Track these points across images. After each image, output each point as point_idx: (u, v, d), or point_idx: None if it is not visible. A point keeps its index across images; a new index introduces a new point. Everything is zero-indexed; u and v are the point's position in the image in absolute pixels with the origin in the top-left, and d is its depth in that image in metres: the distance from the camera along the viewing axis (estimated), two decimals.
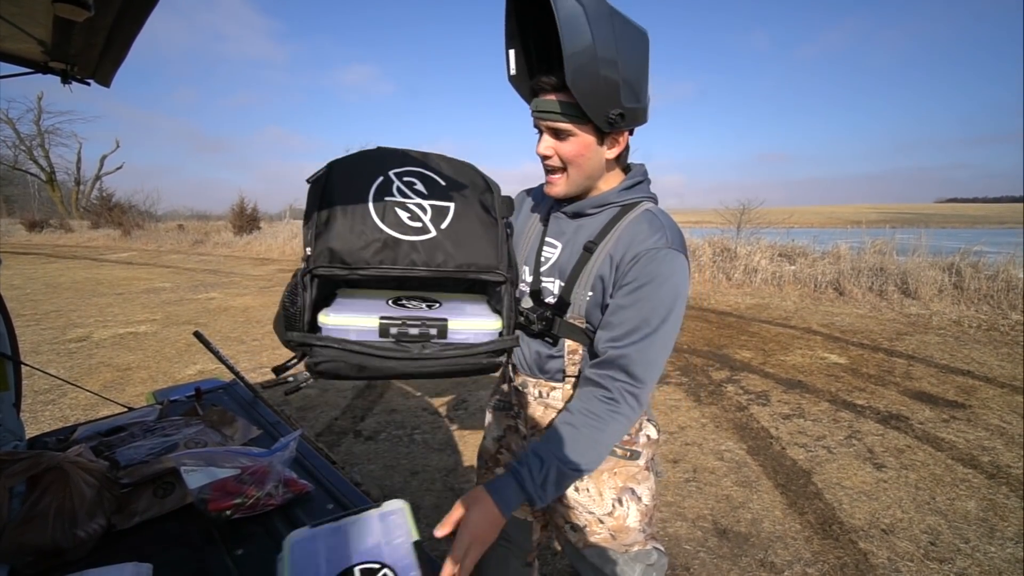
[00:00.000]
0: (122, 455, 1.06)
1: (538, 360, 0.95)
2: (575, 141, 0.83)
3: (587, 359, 0.90)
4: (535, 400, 0.98)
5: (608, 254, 0.86)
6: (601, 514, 0.94)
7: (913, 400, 3.24)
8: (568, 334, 0.91)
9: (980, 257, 6.27)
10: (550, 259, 0.94)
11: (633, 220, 0.87)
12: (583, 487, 0.95)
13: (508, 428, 1.05)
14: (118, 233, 20.26)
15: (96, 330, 5.29)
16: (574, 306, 0.89)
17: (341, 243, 0.73)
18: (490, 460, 1.08)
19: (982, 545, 1.89)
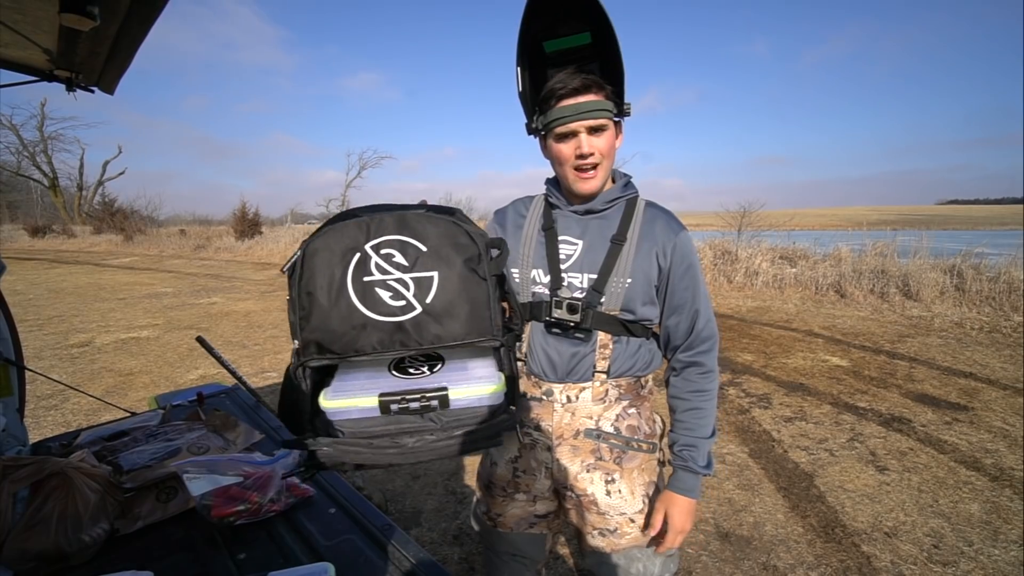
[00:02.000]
0: (125, 460, 1.07)
1: (567, 363, 0.96)
2: (608, 135, 0.92)
3: (616, 353, 0.96)
4: (562, 407, 0.98)
5: (645, 246, 0.95)
6: (632, 512, 0.98)
7: (915, 402, 3.23)
8: (601, 325, 0.94)
9: (981, 259, 6.26)
10: (571, 255, 0.98)
11: (646, 214, 0.98)
12: (615, 490, 0.97)
13: (522, 448, 1.02)
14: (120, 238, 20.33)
15: (98, 335, 5.30)
16: (609, 296, 0.94)
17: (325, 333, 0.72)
18: (508, 486, 1.04)
19: (986, 548, 1.88)
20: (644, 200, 1.01)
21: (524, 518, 1.04)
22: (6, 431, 1.27)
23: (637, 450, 0.98)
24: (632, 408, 0.99)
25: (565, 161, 0.93)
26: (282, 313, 6.38)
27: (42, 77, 1.18)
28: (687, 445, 0.96)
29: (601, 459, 0.97)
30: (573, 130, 0.90)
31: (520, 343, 1.00)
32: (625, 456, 0.97)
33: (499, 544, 1.08)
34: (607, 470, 0.97)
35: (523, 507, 1.04)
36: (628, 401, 0.99)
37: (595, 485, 0.97)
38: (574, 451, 0.98)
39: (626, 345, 0.96)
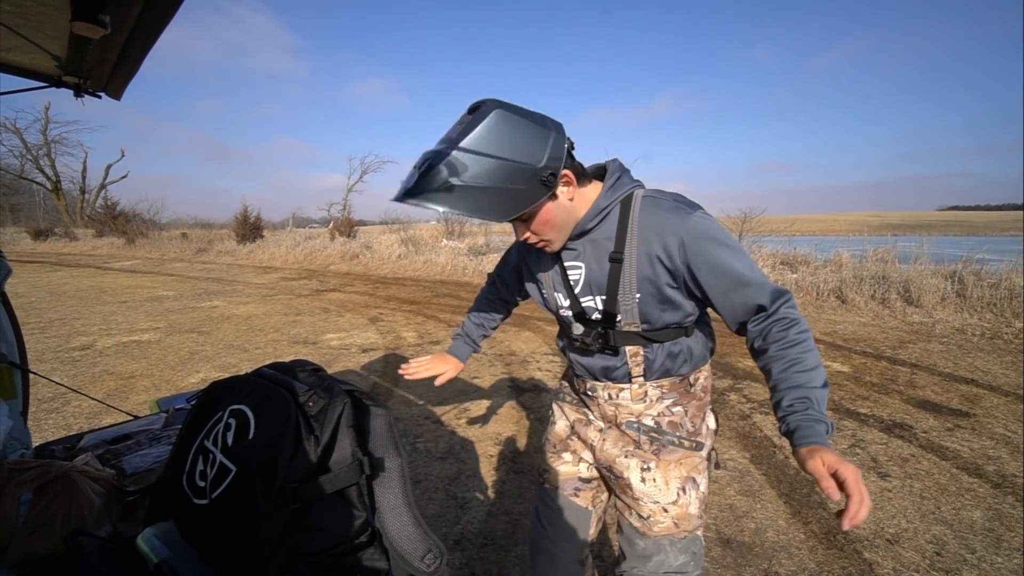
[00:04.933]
0: (128, 463, 1.07)
1: (604, 371, 1.02)
2: (540, 215, 0.87)
3: (648, 359, 0.97)
4: (605, 401, 1.05)
5: (643, 254, 0.90)
6: (666, 503, 1.00)
7: (917, 409, 3.22)
8: (625, 341, 0.96)
9: (983, 265, 6.25)
10: (579, 280, 0.98)
11: (642, 213, 0.90)
12: (650, 478, 1.00)
13: (578, 420, 1.13)
14: (122, 241, 20.38)
15: (100, 338, 5.31)
16: (624, 313, 0.94)
17: (160, 491, 0.76)
18: (559, 444, 1.16)
19: (988, 555, 1.88)
20: (641, 194, 0.93)
21: (569, 479, 1.12)
22: (10, 434, 1.27)
23: (678, 446, 1.01)
24: (677, 406, 1.02)
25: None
26: (283, 317, 6.39)
27: (50, 83, 1.19)
28: (799, 398, 0.80)
29: (640, 448, 1.02)
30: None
31: (562, 346, 1.12)
32: (664, 449, 1.01)
33: (545, 506, 1.15)
34: (644, 459, 1.02)
35: (568, 468, 1.13)
36: (672, 400, 1.02)
37: (631, 471, 1.02)
38: (619, 436, 1.05)
39: (660, 349, 0.97)
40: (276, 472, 0.64)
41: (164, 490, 0.81)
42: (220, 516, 0.68)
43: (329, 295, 8.16)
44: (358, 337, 5.27)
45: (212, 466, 0.73)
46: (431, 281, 9.65)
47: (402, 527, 0.73)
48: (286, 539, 0.64)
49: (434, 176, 0.77)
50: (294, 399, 0.73)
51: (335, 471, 0.69)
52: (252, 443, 0.70)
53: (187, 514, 0.74)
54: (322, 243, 14.93)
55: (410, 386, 3.73)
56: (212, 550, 0.69)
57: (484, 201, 0.78)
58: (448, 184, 0.76)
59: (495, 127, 0.78)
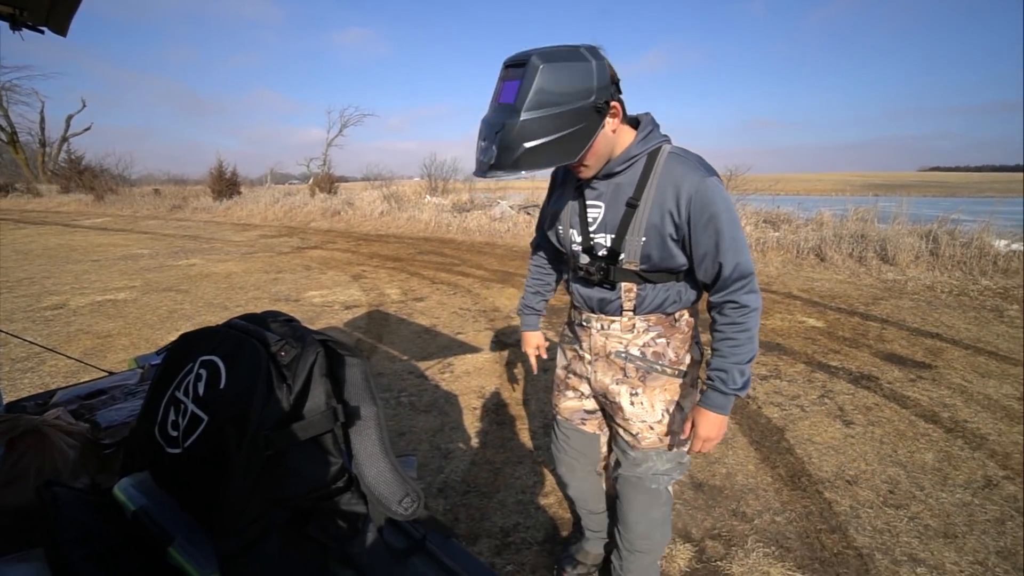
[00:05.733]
0: (103, 417, 1.06)
1: (600, 303, 1.14)
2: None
3: (640, 296, 1.09)
4: (597, 332, 1.17)
5: (657, 205, 1.01)
6: (652, 422, 1.16)
7: (884, 361, 3.36)
8: (623, 278, 1.08)
9: (957, 225, 6.39)
10: (596, 218, 1.09)
11: (665, 166, 1.01)
12: (638, 401, 1.16)
13: (573, 358, 1.27)
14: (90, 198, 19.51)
15: (73, 297, 5.17)
16: (627, 253, 1.06)
17: (134, 443, 0.78)
18: (562, 384, 1.32)
19: (935, 492, 2.02)
20: (668, 150, 1.04)
21: (576, 411, 1.31)
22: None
23: (661, 372, 1.14)
24: (661, 338, 1.14)
25: None
26: (263, 275, 6.28)
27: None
28: (717, 368, 1.07)
29: (627, 376, 1.16)
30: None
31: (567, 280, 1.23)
32: (649, 376, 1.15)
33: (559, 431, 1.37)
34: (632, 385, 1.16)
35: (574, 403, 1.30)
36: (657, 332, 1.14)
37: (622, 396, 1.17)
38: (608, 366, 1.18)
39: (652, 288, 1.10)
40: (248, 420, 0.64)
41: (137, 441, 0.80)
42: (194, 464, 0.68)
43: (310, 252, 8.02)
44: (341, 294, 5.23)
45: (184, 416, 0.72)
46: (414, 238, 9.52)
47: (379, 473, 0.74)
48: (260, 485, 0.65)
49: (511, 147, 0.86)
50: (266, 349, 0.72)
51: (308, 419, 0.68)
52: (224, 392, 0.70)
53: (161, 464, 0.74)
54: (302, 199, 14.51)
55: (394, 342, 3.75)
56: (188, 497, 0.70)
57: (558, 151, 0.88)
58: (524, 150, 0.86)
59: (548, 82, 0.85)
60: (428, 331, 4.02)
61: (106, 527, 0.72)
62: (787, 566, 1.64)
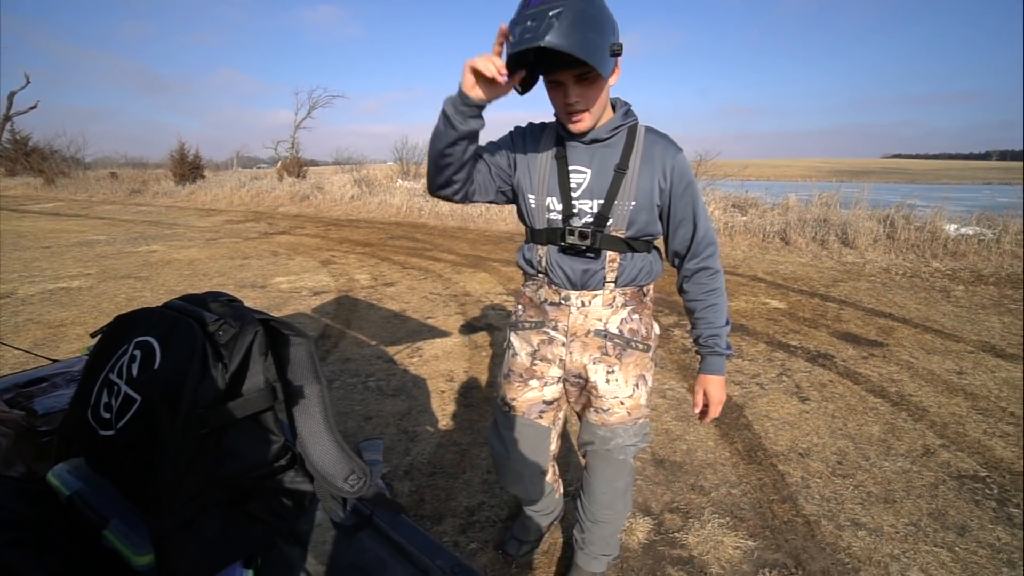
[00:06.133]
0: (40, 404, 1.02)
1: (581, 277, 1.13)
2: (594, 81, 0.98)
3: (622, 266, 1.12)
4: (577, 310, 1.16)
5: (646, 170, 1.07)
6: (623, 397, 1.20)
7: (840, 340, 3.51)
8: (609, 246, 1.10)
9: (912, 210, 6.67)
10: (581, 184, 1.09)
11: (646, 139, 1.09)
12: (613, 379, 1.19)
13: (541, 342, 1.22)
14: (40, 181, 18.47)
15: (21, 286, 4.91)
16: (615, 219, 1.08)
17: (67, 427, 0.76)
18: (525, 372, 1.25)
19: (879, 461, 2.14)
20: (643, 126, 1.12)
21: (535, 404, 1.26)
22: None
23: (635, 349, 1.18)
24: (635, 314, 1.18)
25: (557, 107, 1.04)
26: (229, 261, 6.09)
27: None
28: (711, 335, 1.17)
29: (606, 354, 1.18)
30: (560, 79, 0.98)
31: (539, 258, 1.17)
32: (625, 353, 1.18)
33: (508, 432, 1.29)
34: (609, 363, 1.18)
35: (534, 394, 1.25)
36: (632, 307, 1.18)
37: (598, 375, 1.19)
38: (584, 346, 1.18)
39: (631, 259, 1.13)
40: (181, 399, 0.63)
41: (71, 426, 0.78)
42: (127, 446, 0.67)
43: (278, 238, 7.81)
44: (309, 280, 5.12)
45: (117, 398, 0.70)
46: (386, 223, 9.37)
47: (324, 451, 0.74)
48: (196, 464, 0.64)
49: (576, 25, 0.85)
50: (202, 328, 0.70)
51: (246, 397, 0.67)
52: (157, 372, 0.68)
53: (95, 447, 0.72)
54: (270, 184, 14.06)
55: (363, 327, 3.70)
56: (122, 479, 0.68)
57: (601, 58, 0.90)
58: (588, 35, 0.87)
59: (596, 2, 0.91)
60: (398, 316, 3.99)
61: (37, 513, 0.70)
62: (740, 535, 1.72)
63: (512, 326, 1.29)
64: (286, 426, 0.76)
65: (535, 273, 1.20)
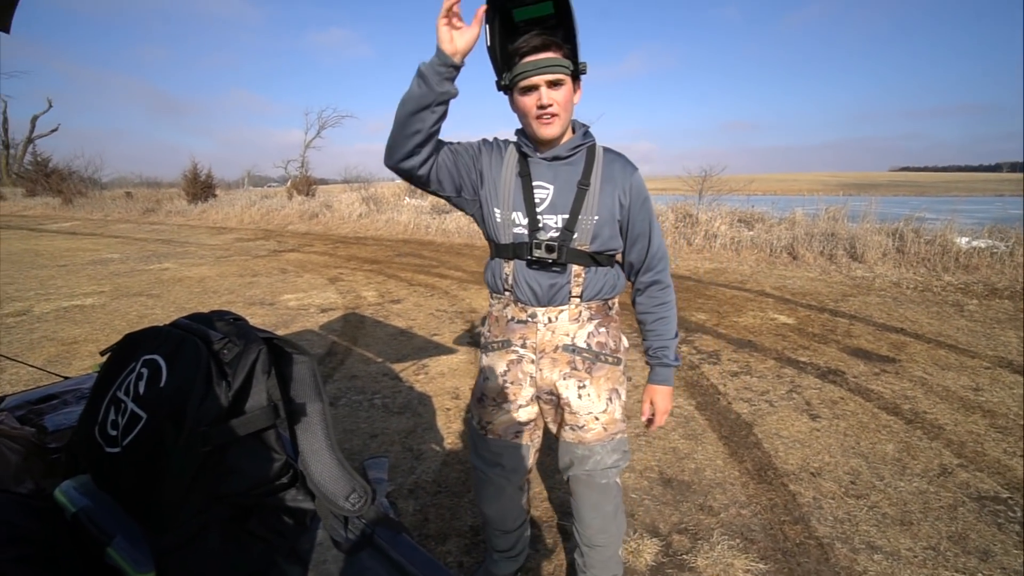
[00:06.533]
0: (51, 421, 1.04)
1: (548, 292, 1.14)
2: (565, 89, 1.05)
3: (587, 279, 1.14)
4: (544, 327, 1.17)
5: (607, 186, 1.11)
6: (597, 412, 1.20)
7: (850, 356, 3.46)
8: (574, 259, 1.12)
9: (922, 223, 6.62)
10: (545, 199, 1.12)
11: (605, 158, 1.14)
12: (585, 394, 1.19)
13: (511, 363, 1.21)
14: (58, 201, 18.93)
15: (37, 303, 5.01)
16: (580, 233, 1.11)
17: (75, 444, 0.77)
18: (498, 396, 1.24)
19: (894, 481, 2.09)
20: (601, 147, 1.16)
21: (510, 426, 1.26)
22: None
23: (604, 362, 1.19)
24: (602, 327, 1.19)
25: (528, 111, 1.06)
26: (238, 279, 6.17)
27: None
28: (660, 347, 1.23)
29: (576, 369, 1.18)
30: (535, 84, 1.02)
31: (506, 275, 1.17)
32: (595, 367, 1.19)
33: (489, 453, 1.29)
34: (580, 378, 1.19)
35: (509, 415, 1.24)
36: (598, 321, 1.19)
37: (570, 390, 1.19)
38: (553, 362, 1.18)
39: (595, 273, 1.16)
40: (184, 416, 0.64)
41: (78, 443, 0.79)
42: (132, 463, 0.67)
43: (287, 255, 7.90)
44: (317, 297, 5.17)
45: (124, 415, 0.71)
46: (393, 240, 9.46)
47: (325, 469, 0.74)
48: (199, 481, 0.65)
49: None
50: (207, 347, 0.71)
51: (249, 415, 0.68)
52: (163, 390, 0.69)
53: (101, 464, 0.73)
54: (279, 202, 14.29)
55: (369, 344, 3.72)
56: (126, 496, 0.69)
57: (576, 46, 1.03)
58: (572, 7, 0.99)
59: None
60: (404, 333, 4.00)
61: (43, 529, 0.71)
62: (751, 557, 1.68)
63: (482, 348, 1.29)
64: (288, 444, 0.76)
65: (501, 291, 1.20)
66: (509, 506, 1.34)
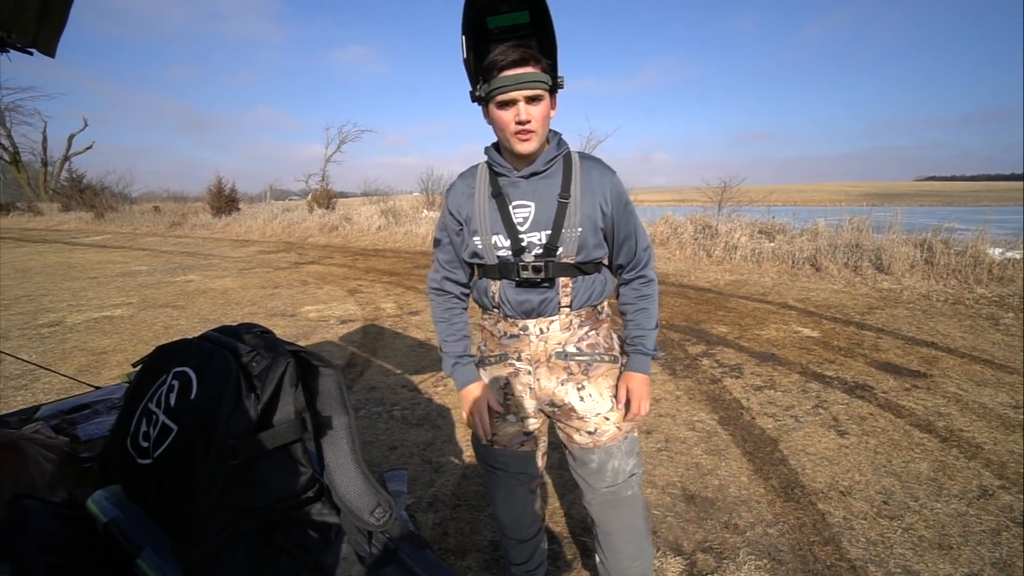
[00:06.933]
0: (83, 431, 1.06)
1: (539, 305, 1.14)
2: (543, 104, 1.03)
3: (575, 289, 1.14)
4: (536, 338, 1.16)
5: (587, 196, 1.10)
6: (606, 412, 1.19)
7: (879, 370, 3.35)
8: (560, 273, 1.12)
9: (951, 234, 6.41)
10: (527, 217, 1.11)
11: (583, 165, 1.13)
12: (587, 395, 1.18)
13: (509, 375, 1.22)
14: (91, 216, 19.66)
15: (69, 314, 5.18)
16: (565, 246, 1.10)
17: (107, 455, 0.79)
18: (500, 408, 1.24)
19: (929, 502, 2.00)
20: (576, 153, 1.15)
21: (515, 436, 1.25)
22: None
23: (600, 361, 1.19)
24: (592, 331, 1.20)
25: (506, 127, 1.03)
26: (260, 290, 6.29)
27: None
28: (637, 336, 1.21)
29: (572, 373, 1.18)
30: (513, 99, 1.01)
31: (493, 294, 1.17)
32: (591, 367, 1.18)
33: (495, 460, 1.28)
34: (577, 381, 1.18)
35: (514, 426, 1.24)
36: (588, 326, 1.19)
37: (570, 395, 1.18)
38: (550, 371, 1.18)
39: (582, 281, 1.15)
40: (215, 429, 0.64)
41: (110, 454, 0.80)
42: (162, 474, 0.68)
43: (308, 268, 8.04)
44: (336, 309, 5.23)
45: (155, 427, 0.72)
46: (411, 252, 9.56)
47: (350, 483, 0.74)
48: (227, 494, 0.65)
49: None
50: (236, 359, 0.72)
51: (277, 428, 0.69)
52: (193, 403, 0.70)
53: (132, 475, 0.74)
54: (300, 215, 14.60)
55: (388, 356, 3.74)
56: (156, 508, 0.70)
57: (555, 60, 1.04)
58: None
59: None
60: (422, 345, 4.01)
61: (75, 539, 0.72)
62: None
63: (479, 364, 1.28)
64: (314, 457, 0.76)
65: (490, 308, 1.21)
66: (522, 509, 1.32)
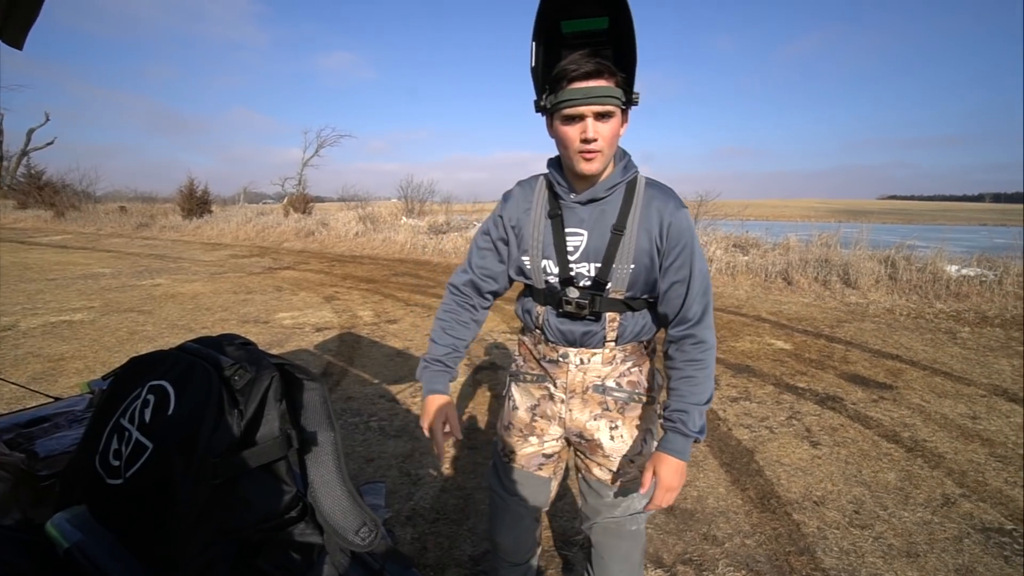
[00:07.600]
0: (42, 446, 1.00)
1: (583, 336, 1.07)
2: (614, 122, 0.94)
3: (623, 325, 1.06)
4: (576, 368, 1.09)
5: (644, 230, 1.00)
6: (633, 455, 1.11)
7: (848, 382, 3.46)
8: (609, 308, 1.04)
9: (913, 251, 6.73)
10: (579, 247, 1.03)
11: (645, 194, 1.02)
12: (618, 435, 1.11)
13: (542, 397, 1.15)
14: (50, 214, 18.79)
15: (23, 318, 4.91)
16: (615, 281, 1.02)
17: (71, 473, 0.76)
18: (525, 428, 1.18)
19: (897, 511, 2.06)
20: (643, 179, 1.05)
21: (534, 457, 1.19)
22: None
23: (638, 402, 1.11)
24: (635, 367, 1.11)
25: (570, 144, 0.95)
26: (232, 296, 6.10)
27: None
28: (678, 410, 1.02)
29: (607, 410, 1.11)
30: (581, 113, 0.92)
31: (537, 315, 1.11)
32: (628, 407, 1.11)
33: (508, 479, 1.22)
34: (611, 419, 1.11)
35: (533, 449, 1.18)
36: (632, 362, 1.11)
37: (601, 432, 1.11)
38: (584, 403, 1.11)
39: (631, 317, 1.07)
40: (195, 447, 0.61)
41: (75, 472, 0.76)
42: (135, 496, 0.64)
43: (282, 273, 7.85)
44: (312, 316, 5.11)
45: (127, 444, 0.68)
46: (390, 259, 9.45)
47: (335, 501, 0.72)
48: (208, 515, 0.62)
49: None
50: (218, 373, 0.69)
51: (261, 445, 0.66)
52: (171, 419, 0.66)
53: (100, 496, 0.70)
54: (275, 219, 14.28)
55: (365, 365, 3.67)
56: (128, 531, 0.66)
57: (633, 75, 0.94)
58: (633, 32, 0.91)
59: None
60: (401, 354, 3.95)
61: (31, 566, 0.67)
62: None
63: (512, 375, 1.22)
64: (298, 475, 0.73)
65: (532, 329, 1.15)
66: (524, 537, 1.28)
